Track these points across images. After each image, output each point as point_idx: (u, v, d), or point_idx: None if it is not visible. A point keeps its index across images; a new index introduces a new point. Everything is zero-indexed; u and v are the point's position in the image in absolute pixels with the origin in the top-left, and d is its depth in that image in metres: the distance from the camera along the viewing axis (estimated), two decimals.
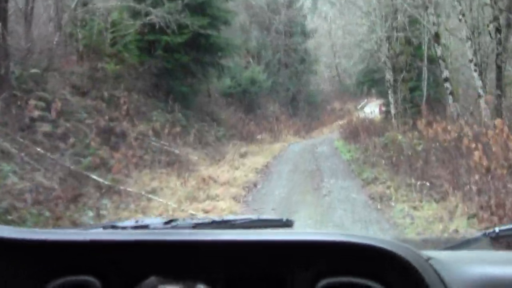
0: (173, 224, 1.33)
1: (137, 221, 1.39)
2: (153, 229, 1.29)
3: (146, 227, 1.31)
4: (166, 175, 9.20)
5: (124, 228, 1.33)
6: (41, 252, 1.06)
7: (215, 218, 1.43)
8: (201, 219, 1.43)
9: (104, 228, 1.34)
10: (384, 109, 19.88)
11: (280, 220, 1.45)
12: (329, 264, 1.05)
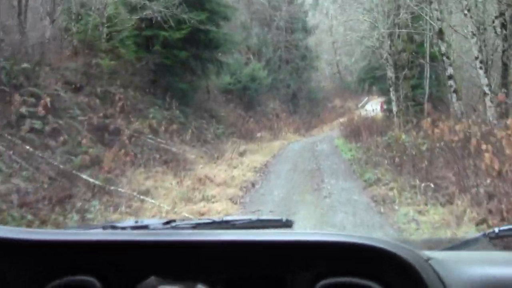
0: (172, 224, 1.34)
1: (137, 221, 1.41)
2: (153, 229, 1.30)
3: (145, 227, 1.32)
4: (162, 174, 8.94)
5: (123, 228, 1.34)
6: (41, 253, 1.07)
7: (215, 218, 1.43)
8: (201, 220, 1.42)
9: (104, 228, 1.35)
10: (385, 107, 19.60)
11: (280, 220, 1.44)
12: (329, 265, 1.06)
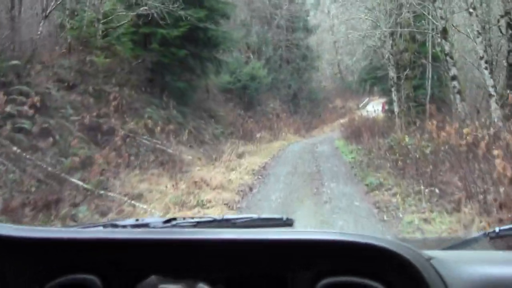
0: (173, 222, 1.33)
1: (137, 219, 1.41)
2: (153, 227, 1.30)
3: (146, 225, 1.32)
4: (157, 176, 8.64)
5: (124, 226, 1.32)
6: (42, 251, 1.06)
7: (216, 217, 1.42)
8: (202, 218, 1.42)
9: (104, 226, 1.34)
10: (387, 107, 19.31)
11: (281, 219, 1.43)
12: (329, 263, 1.05)
